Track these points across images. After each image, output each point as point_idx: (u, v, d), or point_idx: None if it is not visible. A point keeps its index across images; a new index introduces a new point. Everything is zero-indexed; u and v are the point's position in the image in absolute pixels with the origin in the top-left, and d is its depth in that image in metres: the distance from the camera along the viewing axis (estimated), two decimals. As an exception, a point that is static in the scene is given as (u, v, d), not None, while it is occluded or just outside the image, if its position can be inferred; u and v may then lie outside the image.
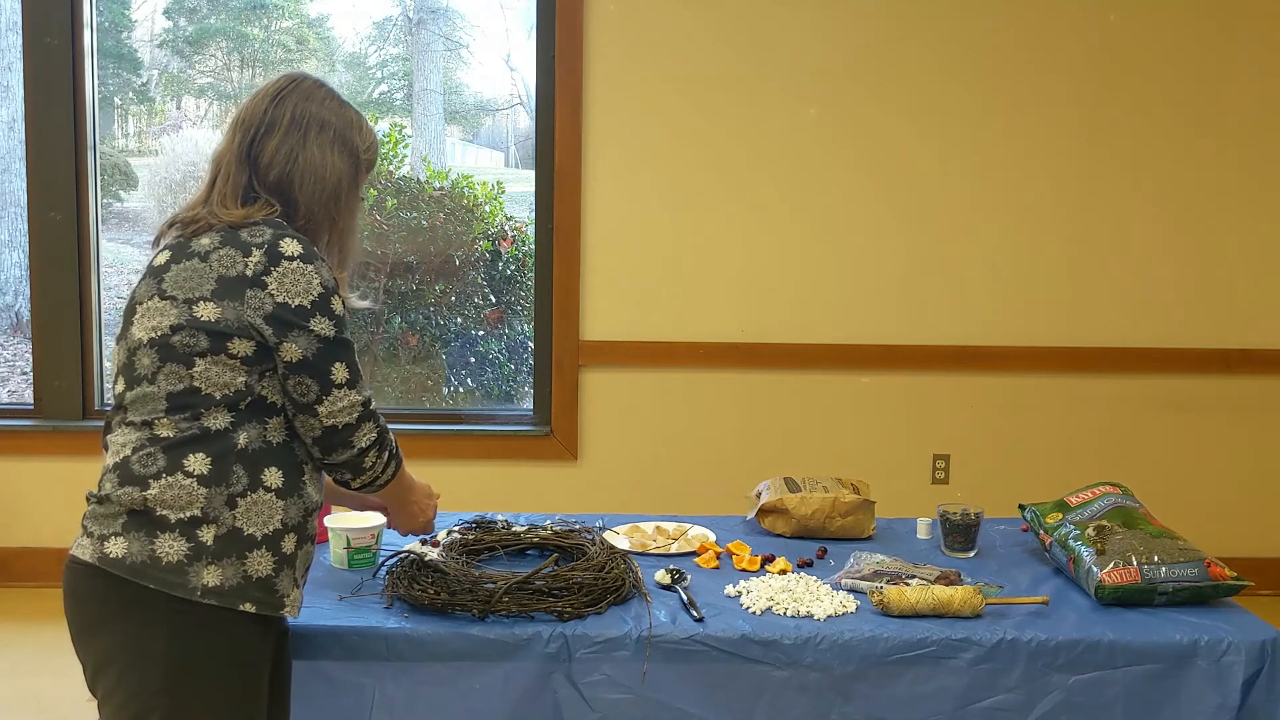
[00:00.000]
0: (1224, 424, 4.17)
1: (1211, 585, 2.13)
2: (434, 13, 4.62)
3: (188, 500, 1.68)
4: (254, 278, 1.70)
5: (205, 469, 1.69)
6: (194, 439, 1.70)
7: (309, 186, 1.82)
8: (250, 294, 1.70)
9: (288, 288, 1.71)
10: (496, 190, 4.46)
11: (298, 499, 1.77)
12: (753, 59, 3.97)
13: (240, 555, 1.70)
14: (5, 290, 4.67)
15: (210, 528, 1.68)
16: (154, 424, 1.71)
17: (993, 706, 1.98)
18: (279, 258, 1.72)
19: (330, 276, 1.76)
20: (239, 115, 1.86)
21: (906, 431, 4.13)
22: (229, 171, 1.82)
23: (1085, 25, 3.98)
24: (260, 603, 1.71)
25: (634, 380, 4.09)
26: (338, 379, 1.74)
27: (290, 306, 1.71)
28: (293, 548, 1.77)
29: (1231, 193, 4.07)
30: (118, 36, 4.54)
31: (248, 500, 1.71)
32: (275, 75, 1.91)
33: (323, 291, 1.74)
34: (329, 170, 1.84)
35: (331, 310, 1.74)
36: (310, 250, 1.75)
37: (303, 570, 1.82)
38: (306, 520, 1.80)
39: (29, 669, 3.44)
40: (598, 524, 2.49)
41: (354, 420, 1.76)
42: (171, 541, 1.67)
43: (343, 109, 1.90)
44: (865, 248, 4.05)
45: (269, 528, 1.73)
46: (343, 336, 1.76)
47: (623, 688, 1.96)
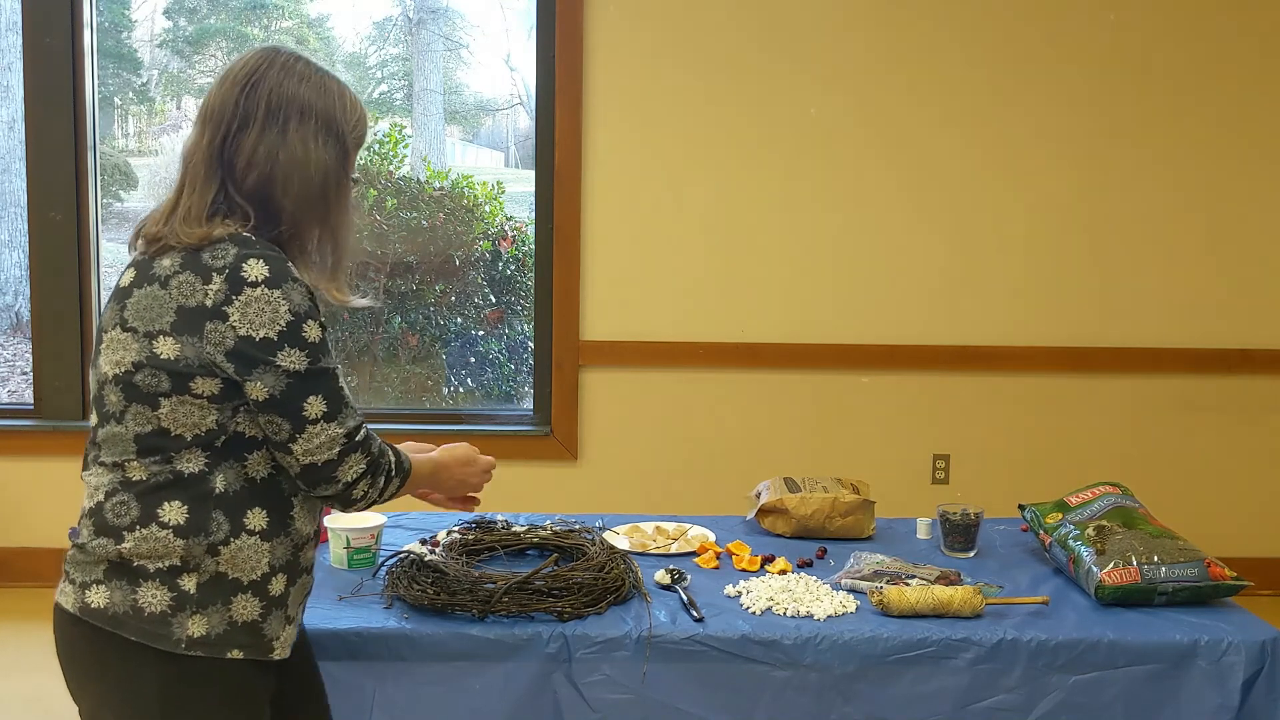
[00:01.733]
0: (1225, 424, 4.17)
1: (1211, 585, 2.13)
2: (434, 13, 4.62)
3: (164, 552, 1.56)
4: (214, 308, 1.53)
5: (181, 519, 1.56)
6: (167, 484, 1.57)
7: (293, 187, 1.62)
8: (210, 327, 1.53)
9: (251, 318, 1.53)
10: (496, 190, 4.46)
11: (284, 538, 1.64)
12: (752, 59, 3.97)
13: (225, 601, 1.59)
14: (5, 290, 4.67)
15: (192, 575, 1.57)
16: (125, 466, 1.58)
17: (993, 706, 1.98)
18: (241, 284, 1.53)
19: (304, 299, 1.57)
20: (207, 105, 1.63)
21: (906, 431, 4.12)
22: (196, 180, 1.61)
23: (1084, 22, 3.98)
24: (248, 648, 1.61)
25: (634, 380, 4.09)
26: (311, 414, 1.57)
27: (254, 340, 1.53)
28: (283, 588, 1.65)
29: (1233, 193, 4.07)
30: (118, 36, 4.54)
31: (231, 548, 1.58)
32: (245, 53, 1.65)
33: (291, 320, 1.54)
34: (314, 164, 1.62)
35: (303, 339, 1.56)
36: (280, 270, 1.55)
37: (297, 604, 1.70)
38: (298, 556, 1.68)
39: (29, 669, 3.44)
40: (598, 524, 2.49)
41: (335, 456, 1.60)
42: (154, 591, 1.56)
43: (324, 83, 1.65)
44: (865, 248, 4.05)
45: (256, 573, 1.61)
46: (318, 367, 1.58)
47: (623, 688, 1.96)
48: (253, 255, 1.54)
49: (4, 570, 4.10)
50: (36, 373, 4.09)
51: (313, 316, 1.58)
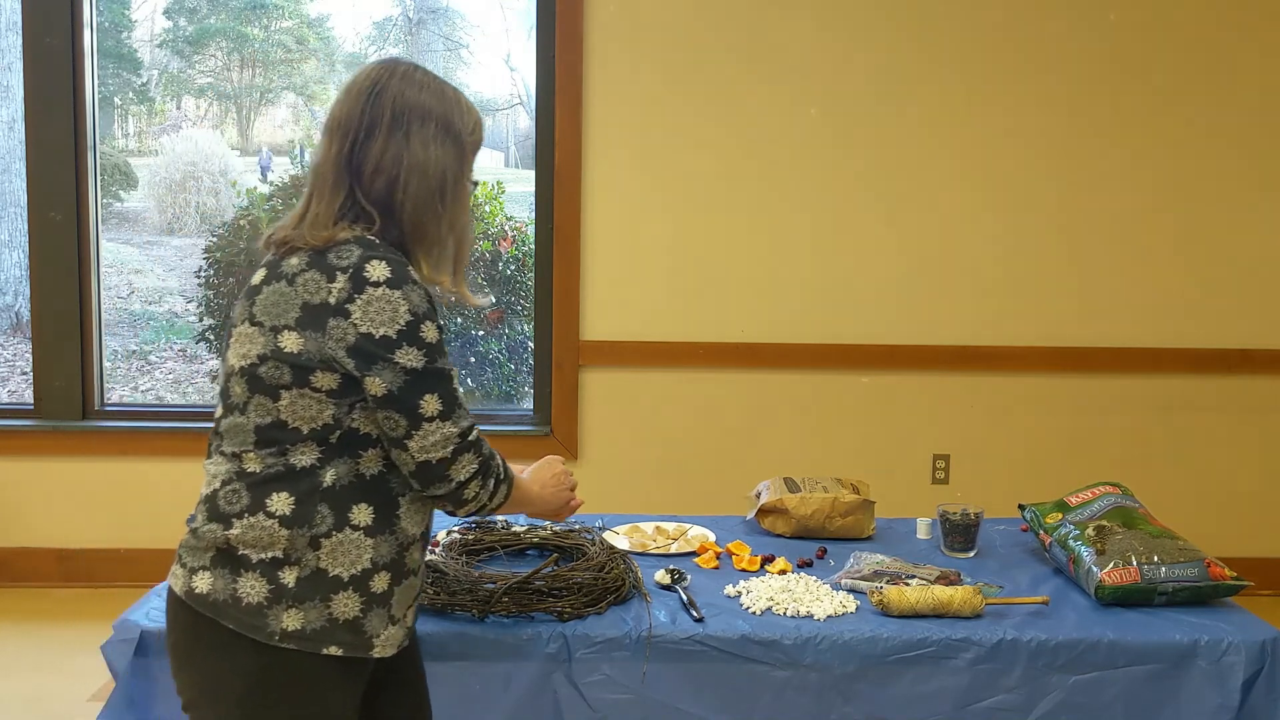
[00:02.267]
0: (1224, 424, 4.17)
1: (1211, 585, 2.13)
2: (434, 13, 4.62)
3: (269, 541, 1.61)
4: (337, 306, 1.58)
5: (288, 509, 1.61)
6: (279, 476, 1.62)
7: (414, 189, 1.67)
8: (333, 324, 1.59)
9: (372, 317, 1.58)
10: (496, 190, 4.45)
11: (389, 535, 1.67)
12: (753, 59, 3.97)
13: (325, 597, 1.62)
14: (5, 290, 4.67)
15: (292, 569, 1.61)
16: (243, 457, 1.64)
17: (993, 706, 1.98)
18: (364, 284, 1.58)
19: (423, 300, 1.61)
20: (333, 118, 1.71)
21: (906, 431, 4.12)
22: (324, 188, 1.68)
23: (1087, 23, 3.98)
24: (347, 645, 1.64)
25: (634, 380, 4.09)
26: (428, 412, 1.61)
27: (374, 338, 1.58)
28: (385, 586, 1.67)
29: (1233, 193, 4.07)
30: (118, 36, 4.54)
31: (333, 540, 1.62)
32: (366, 65, 1.73)
33: (411, 319, 1.59)
34: (433, 166, 1.68)
35: (421, 339, 1.60)
36: (401, 272, 1.61)
37: (403, 606, 1.72)
38: (403, 555, 1.69)
39: (29, 669, 3.44)
40: (598, 524, 2.49)
41: (449, 454, 1.63)
42: (253, 582, 1.61)
43: (442, 89, 1.73)
44: (865, 248, 4.05)
45: (356, 568, 1.64)
46: (434, 367, 1.62)
47: (623, 688, 1.96)
48: (375, 256, 1.60)
49: (4, 570, 4.10)
50: (36, 373, 4.09)
51: (431, 318, 1.63)
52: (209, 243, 4.44)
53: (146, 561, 4.01)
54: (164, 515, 4.07)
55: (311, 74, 4.70)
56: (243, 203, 4.44)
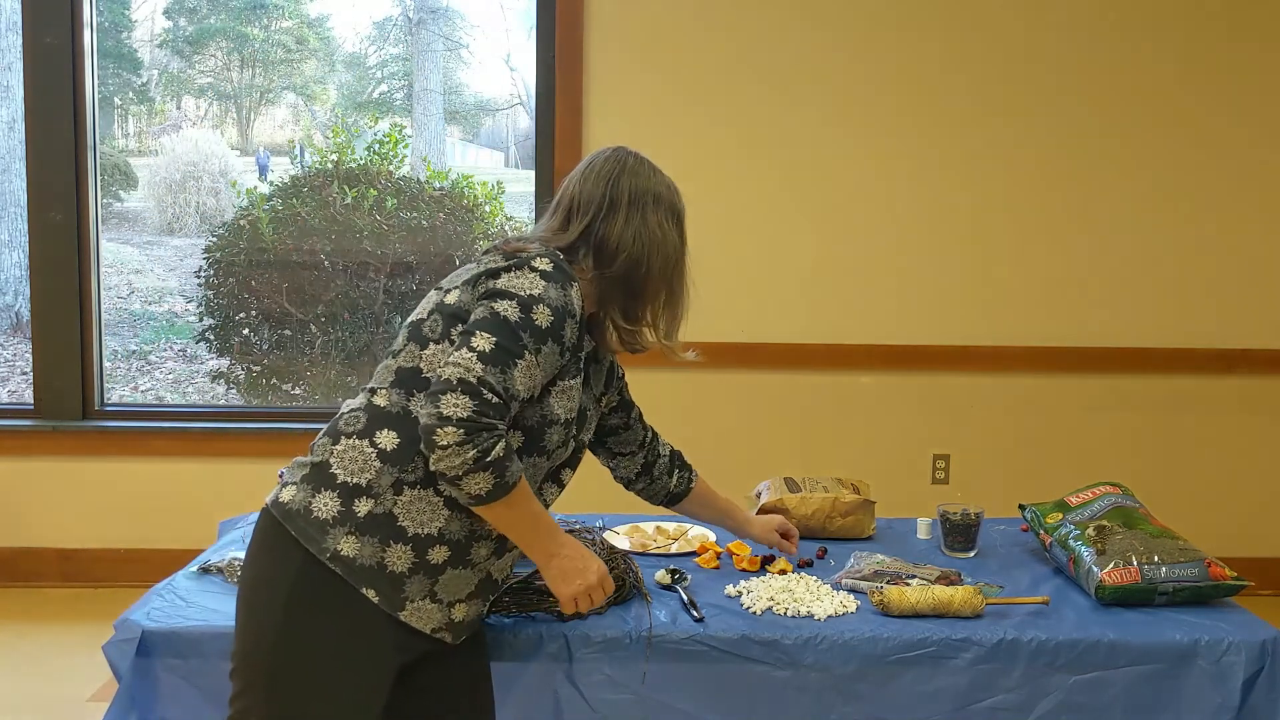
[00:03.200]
0: (1224, 424, 4.17)
1: (1211, 585, 2.13)
2: (434, 13, 4.62)
3: (360, 467, 1.71)
4: (496, 271, 1.75)
5: (391, 445, 1.71)
6: (397, 416, 1.73)
7: (657, 263, 1.91)
8: (484, 282, 1.76)
9: (513, 280, 1.73)
10: (496, 190, 4.46)
11: (465, 516, 1.73)
12: (753, 59, 3.97)
13: (384, 541, 1.70)
14: (5, 290, 4.67)
15: (368, 501, 1.70)
16: (377, 392, 1.77)
17: (993, 706, 1.98)
18: (526, 265, 1.75)
19: (560, 296, 1.74)
20: (566, 195, 1.93)
21: (906, 431, 4.12)
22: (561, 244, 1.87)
23: (1086, 24, 3.98)
24: (382, 595, 1.69)
25: (634, 380, 4.06)
26: (476, 344, 1.68)
27: (498, 289, 1.73)
28: (441, 560, 1.73)
29: (1232, 192, 4.07)
30: (118, 36, 4.54)
31: (415, 493, 1.71)
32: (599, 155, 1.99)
33: (536, 294, 1.72)
34: (671, 245, 1.95)
35: (529, 309, 1.71)
36: (559, 274, 1.76)
37: (451, 592, 1.76)
38: (470, 543, 1.75)
39: (29, 669, 3.44)
40: (598, 524, 2.49)
41: (455, 380, 1.64)
42: (328, 500, 1.70)
43: (660, 176, 2.00)
44: (866, 248, 4.05)
45: (424, 529, 1.71)
46: (516, 330, 1.69)
47: (623, 688, 1.96)
48: (547, 256, 1.79)
49: (4, 570, 4.10)
50: (36, 373, 4.09)
51: (553, 309, 1.73)
52: (209, 243, 4.44)
53: (147, 561, 4.00)
54: (164, 515, 4.08)
55: (311, 74, 4.70)
56: (243, 203, 4.44)
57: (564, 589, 1.82)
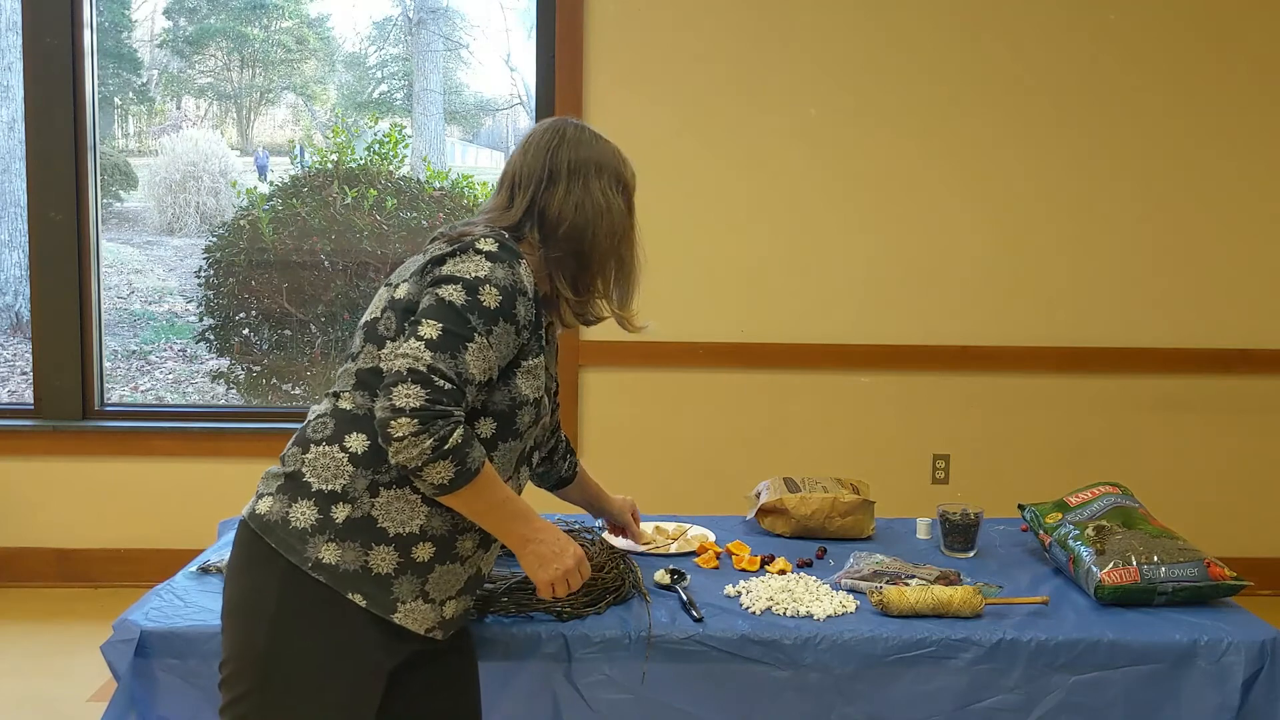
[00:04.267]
0: (1224, 424, 4.16)
1: (1211, 585, 2.13)
2: (434, 13, 4.62)
3: (334, 473, 1.70)
4: (441, 258, 1.73)
5: (362, 449, 1.70)
6: (364, 419, 1.71)
7: (602, 232, 1.88)
8: (430, 270, 1.74)
9: (458, 264, 1.72)
10: (496, 190, 4.45)
11: (445, 511, 1.72)
12: (752, 59, 3.97)
13: (366, 544, 1.69)
14: (5, 290, 4.67)
15: (345, 507, 1.69)
16: (341, 396, 1.75)
17: (993, 706, 1.98)
18: (470, 248, 1.73)
19: (506, 276, 1.72)
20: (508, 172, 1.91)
21: (906, 431, 4.12)
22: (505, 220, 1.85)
23: (1088, 23, 3.98)
24: (371, 599, 1.68)
25: (634, 380, 4.09)
26: (423, 332, 1.65)
27: (443, 274, 1.71)
28: (427, 558, 1.72)
29: (1232, 193, 4.07)
30: (118, 36, 4.54)
31: (391, 493, 1.70)
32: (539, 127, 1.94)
33: (481, 277, 1.70)
34: (615, 212, 1.91)
35: (475, 291, 1.69)
36: (505, 253, 1.74)
37: (443, 590, 1.75)
38: (454, 536, 1.74)
39: (29, 669, 3.44)
40: (598, 524, 2.49)
41: (404, 370, 1.62)
42: (306, 509, 1.69)
43: (605, 145, 1.96)
44: (866, 247, 4.05)
45: (405, 528, 1.70)
46: (463, 315, 1.67)
47: (622, 688, 1.96)
48: (491, 236, 1.77)
49: (4, 570, 4.10)
50: (36, 373, 4.09)
51: (500, 292, 1.71)
52: (209, 243, 4.44)
53: (146, 561, 4.00)
54: (164, 515, 4.08)
55: (311, 74, 4.70)
56: (242, 203, 4.44)
57: (540, 574, 1.77)
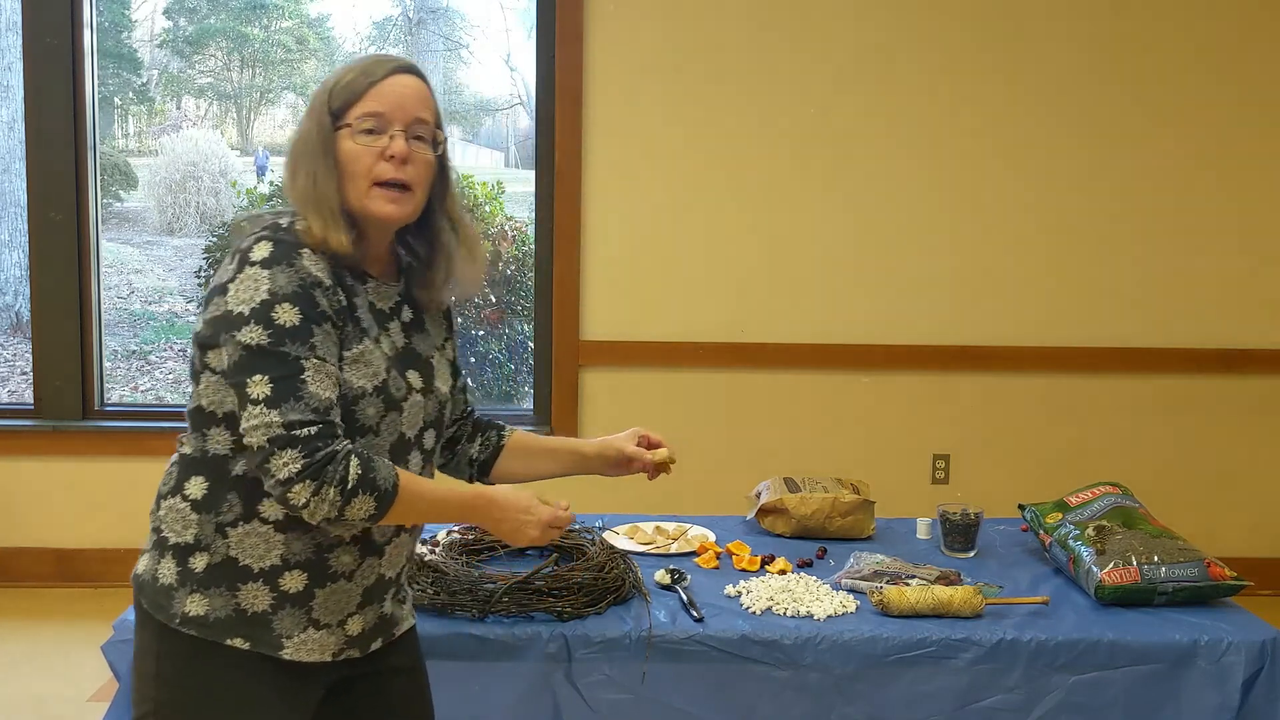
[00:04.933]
0: (1224, 424, 4.16)
1: (1211, 585, 2.13)
2: (434, 13, 4.62)
3: (183, 524, 1.62)
4: (223, 285, 1.58)
5: (200, 494, 1.61)
6: (198, 460, 1.63)
7: (290, 166, 1.69)
8: (215, 301, 1.58)
9: (239, 294, 1.55)
10: (496, 190, 4.46)
11: (304, 534, 1.61)
12: (753, 59, 3.97)
13: (232, 586, 1.60)
14: (5, 290, 4.67)
15: (203, 555, 1.60)
16: (183, 440, 1.68)
17: (993, 706, 1.98)
18: (245, 264, 1.57)
19: (290, 282, 1.55)
20: None
21: (906, 431, 4.12)
22: None
23: (1086, 22, 3.97)
24: (253, 640, 1.60)
25: (634, 380, 4.08)
26: (254, 394, 1.53)
27: (231, 314, 1.55)
28: (301, 586, 1.62)
29: (1232, 192, 4.07)
30: (118, 36, 4.54)
31: (240, 530, 1.60)
32: None
33: (267, 299, 1.54)
34: (300, 138, 1.68)
35: (270, 319, 1.53)
36: (280, 253, 1.57)
37: (333, 611, 1.65)
38: (324, 557, 1.63)
39: (29, 669, 3.44)
40: (598, 524, 2.49)
41: (265, 443, 1.52)
42: (169, 564, 1.62)
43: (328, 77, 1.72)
44: (865, 248, 4.05)
45: (266, 562, 1.60)
46: (277, 350, 1.53)
47: (623, 688, 1.96)
48: (265, 239, 1.60)
49: (3, 570, 4.10)
50: (36, 373, 4.09)
51: (294, 301, 1.55)
52: (209, 243, 4.44)
53: (146, 561, 4.00)
54: (164, 515, 4.07)
55: (311, 74, 4.70)
56: (243, 203, 4.44)
57: (523, 541, 1.77)
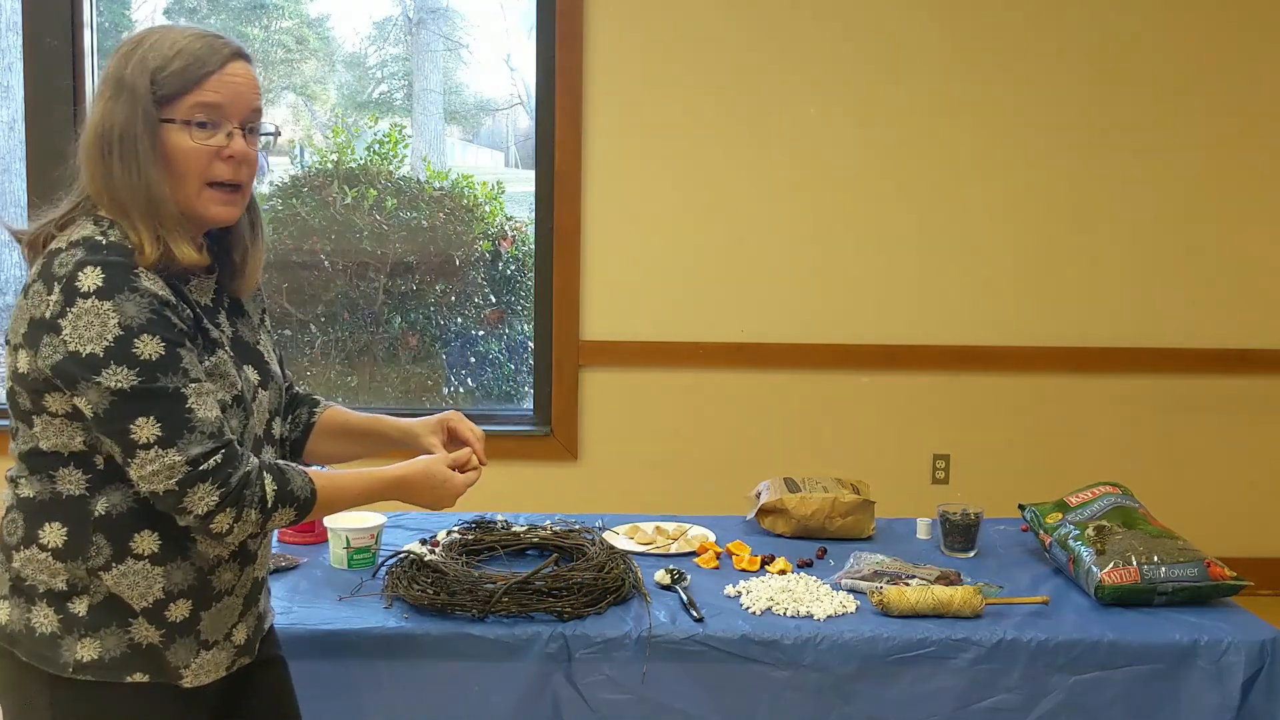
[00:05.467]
0: (1224, 424, 4.16)
1: (1211, 585, 2.13)
2: (434, 13, 4.61)
3: (49, 573, 1.50)
4: (50, 320, 1.42)
5: (60, 541, 1.49)
6: (50, 504, 1.50)
7: (81, 157, 1.50)
8: (45, 340, 1.42)
9: (80, 332, 1.41)
10: (496, 190, 4.45)
11: (182, 562, 1.53)
12: (753, 59, 3.97)
13: (122, 623, 1.51)
14: (5, 290, 4.67)
15: (82, 598, 1.50)
16: (18, 482, 1.53)
17: (993, 706, 1.98)
18: (74, 295, 1.41)
19: (141, 310, 1.42)
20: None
21: (906, 431, 4.12)
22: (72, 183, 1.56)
23: (1094, 23, 3.97)
24: (153, 672, 1.53)
25: (634, 380, 4.09)
26: (141, 438, 1.43)
27: (80, 356, 1.41)
28: (187, 614, 1.54)
29: (1232, 192, 4.07)
30: (118, 36, 4.54)
31: (114, 573, 1.50)
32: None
33: (120, 334, 1.41)
34: (95, 127, 1.48)
35: (134, 355, 1.41)
36: (116, 279, 1.42)
37: (221, 628, 1.60)
38: (207, 580, 1.57)
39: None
40: (598, 524, 2.49)
41: (174, 486, 1.44)
42: (44, 612, 1.50)
43: (133, 50, 1.50)
44: (866, 248, 4.05)
45: (149, 599, 1.51)
46: (153, 387, 1.42)
47: (623, 688, 1.96)
48: (90, 263, 1.43)
49: (4, 570, 4.09)
50: (36, 373, 4.09)
51: (151, 330, 1.43)
52: (209, 243, 4.43)
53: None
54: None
55: (311, 74, 4.70)
56: (242, 203, 4.43)
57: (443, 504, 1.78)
